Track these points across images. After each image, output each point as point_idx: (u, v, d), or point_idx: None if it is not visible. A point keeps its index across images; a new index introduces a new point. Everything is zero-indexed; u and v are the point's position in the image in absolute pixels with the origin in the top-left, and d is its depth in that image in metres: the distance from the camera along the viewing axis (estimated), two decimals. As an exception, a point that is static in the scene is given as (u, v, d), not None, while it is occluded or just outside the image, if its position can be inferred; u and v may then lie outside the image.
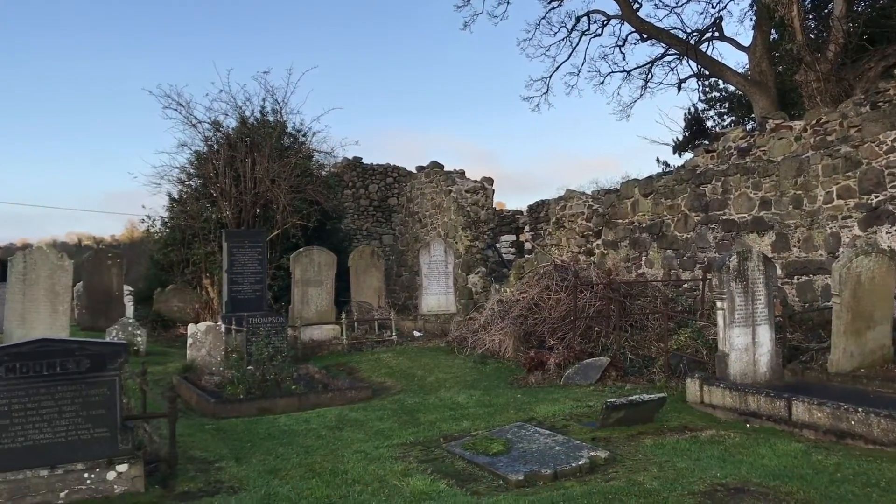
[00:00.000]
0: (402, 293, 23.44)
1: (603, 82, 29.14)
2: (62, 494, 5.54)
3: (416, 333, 15.77)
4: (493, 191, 21.64)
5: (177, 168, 20.49)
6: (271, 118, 19.56)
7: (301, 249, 15.93)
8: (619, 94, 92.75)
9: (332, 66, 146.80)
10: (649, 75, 25.62)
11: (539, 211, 23.05)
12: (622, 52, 25.97)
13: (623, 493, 5.05)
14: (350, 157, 24.44)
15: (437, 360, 12.48)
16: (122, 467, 5.74)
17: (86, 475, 5.64)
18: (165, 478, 6.10)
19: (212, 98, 32.16)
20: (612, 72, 26.05)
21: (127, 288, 18.98)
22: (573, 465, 5.88)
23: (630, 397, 7.44)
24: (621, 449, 6.48)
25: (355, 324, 15.84)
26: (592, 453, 6.16)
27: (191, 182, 19.62)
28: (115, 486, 5.69)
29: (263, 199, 18.29)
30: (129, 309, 18.66)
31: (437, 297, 16.77)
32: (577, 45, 25.35)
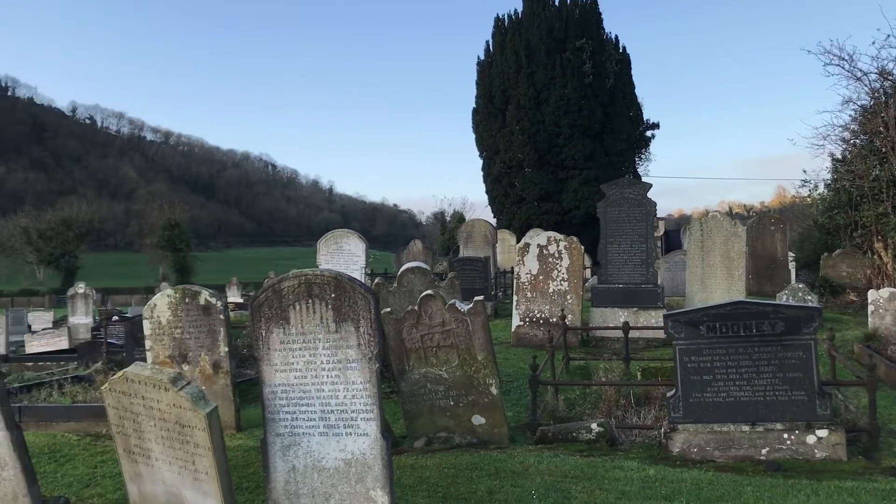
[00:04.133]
0: None
1: None
2: (763, 451, 5.72)
3: None
4: None
5: (840, 126, 19.29)
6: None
7: None
8: None
9: None
10: None
11: None
12: None
13: None
14: None
15: None
16: (822, 433, 5.65)
17: (785, 436, 5.72)
18: (867, 449, 5.80)
19: (878, 45, 29.26)
20: None
21: (790, 254, 18.82)
22: None
23: None
24: None
25: None
26: None
27: (855, 140, 18.32)
28: (815, 451, 5.63)
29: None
30: (792, 274, 18.46)
31: None
32: None
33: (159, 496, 4.52)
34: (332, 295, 4.40)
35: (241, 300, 26.24)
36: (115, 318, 17.97)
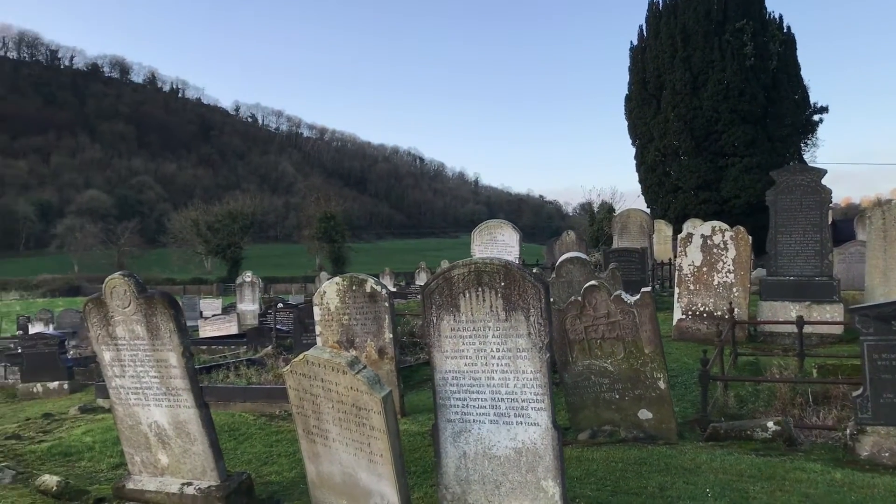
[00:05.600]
0: None
1: None
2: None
3: None
4: None
5: None
6: None
7: None
8: None
9: None
10: None
11: None
12: None
13: None
14: None
15: None
16: None
17: None
18: None
19: None
20: None
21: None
22: None
23: None
24: None
25: None
26: None
27: None
28: None
29: None
30: None
31: None
32: None
33: (335, 476, 4.69)
34: (502, 283, 4.38)
35: (394, 289, 26.98)
36: (280, 305, 18.92)
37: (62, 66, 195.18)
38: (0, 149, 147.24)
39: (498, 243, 14.01)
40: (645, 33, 33.01)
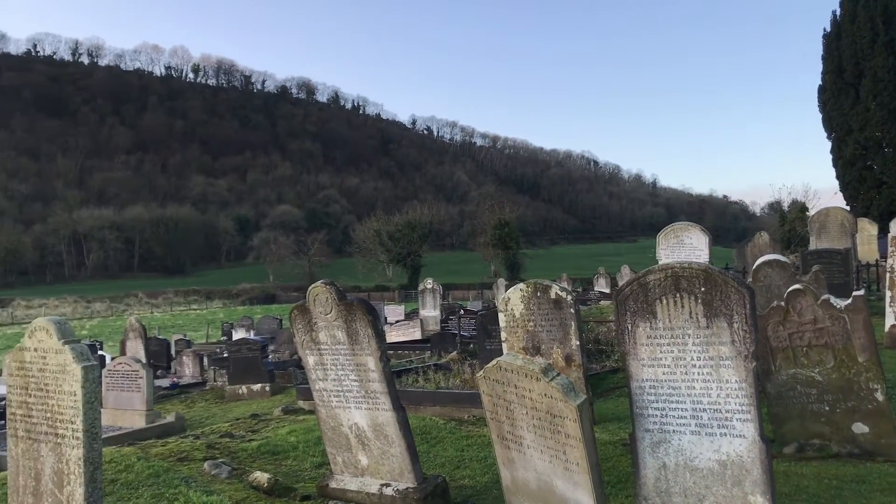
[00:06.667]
0: None
1: None
2: None
3: None
4: None
5: None
6: None
7: None
8: None
9: None
10: None
11: None
12: None
13: None
14: None
15: None
16: None
17: None
18: None
19: None
20: None
21: None
22: None
23: None
24: None
25: None
26: None
27: None
28: None
29: None
30: None
31: None
32: None
33: (531, 483, 4.67)
34: (702, 289, 4.19)
35: (572, 296, 26.66)
36: (461, 311, 19.27)
37: (255, 90, 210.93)
38: (203, 169, 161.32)
39: (685, 247, 13.42)
40: (839, 19, 30.65)
